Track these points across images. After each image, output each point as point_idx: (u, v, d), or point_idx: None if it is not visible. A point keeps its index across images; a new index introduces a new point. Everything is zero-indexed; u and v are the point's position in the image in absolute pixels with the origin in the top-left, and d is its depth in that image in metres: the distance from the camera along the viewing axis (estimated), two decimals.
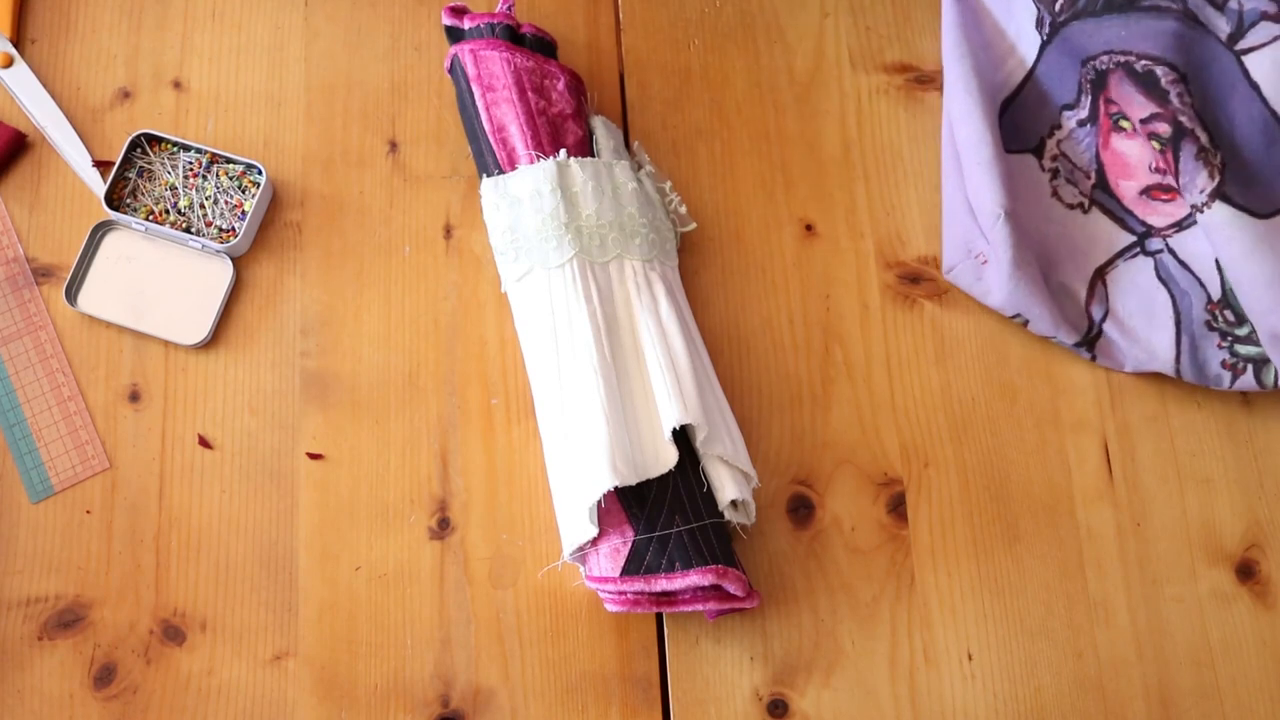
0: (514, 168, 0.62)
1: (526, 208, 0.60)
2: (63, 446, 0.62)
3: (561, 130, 0.62)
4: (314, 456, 0.62)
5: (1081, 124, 0.64)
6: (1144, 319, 0.63)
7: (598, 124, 0.64)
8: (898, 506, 0.62)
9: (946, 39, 0.66)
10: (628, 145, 0.67)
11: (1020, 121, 0.66)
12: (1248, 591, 0.61)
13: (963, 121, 0.63)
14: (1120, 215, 0.64)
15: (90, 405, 0.63)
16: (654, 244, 0.61)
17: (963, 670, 0.60)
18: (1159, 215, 0.63)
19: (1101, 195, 0.64)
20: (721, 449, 0.57)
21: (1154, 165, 0.62)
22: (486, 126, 0.62)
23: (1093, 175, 0.64)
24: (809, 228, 0.67)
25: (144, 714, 0.58)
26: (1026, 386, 0.64)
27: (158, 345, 0.64)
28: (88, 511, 0.61)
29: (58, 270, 0.65)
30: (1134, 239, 0.64)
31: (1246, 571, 0.62)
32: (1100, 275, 0.64)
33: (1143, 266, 0.64)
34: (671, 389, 0.56)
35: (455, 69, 0.64)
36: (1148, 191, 0.63)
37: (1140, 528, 0.62)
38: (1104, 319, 0.63)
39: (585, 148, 0.63)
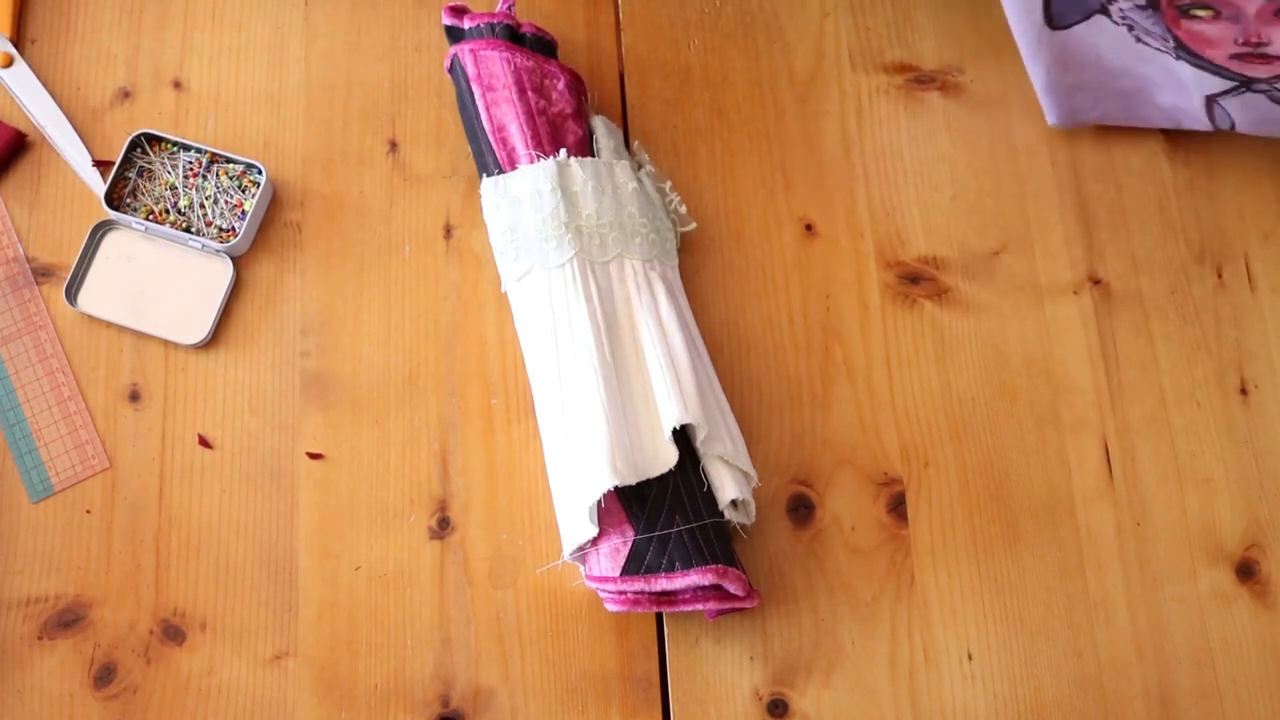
0: (514, 167, 0.62)
1: (526, 207, 0.60)
2: (63, 446, 0.62)
3: (561, 130, 0.62)
4: (314, 456, 0.62)
5: (1141, 9, 0.59)
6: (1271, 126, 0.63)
7: (598, 123, 0.64)
8: (898, 506, 0.62)
9: None
10: (628, 145, 0.67)
11: (1064, 5, 0.63)
12: (1248, 591, 0.61)
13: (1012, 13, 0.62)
14: (1214, 71, 0.61)
15: (90, 405, 0.63)
16: (654, 244, 0.61)
17: (963, 670, 0.60)
18: (1260, 69, 0.59)
19: (1187, 56, 0.61)
20: (722, 449, 0.57)
21: (1241, 39, 0.58)
22: (486, 126, 0.62)
23: (1170, 42, 0.60)
24: (809, 228, 0.67)
25: (144, 714, 0.58)
26: (1026, 386, 0.64)
27: (158, 345, 0.64)
28: (88, 511, 0.61)
29: (58, 270, 0.65)
30: (1237, 84, 0.61)
31: (1246, 571, 0.62)
32: (1212, 101, 0.63)
33: (1254, 101, 0.62)
34: (672, 389, 0.56)
35: (455, 69, 0.64)
36: (1240, 57, 0.59)
37: (1140, 528, 0.62)
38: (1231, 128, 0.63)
39: (585, 147, 0.63)
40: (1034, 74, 0.66)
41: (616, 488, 0.55)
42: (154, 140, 0.65)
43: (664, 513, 0.55)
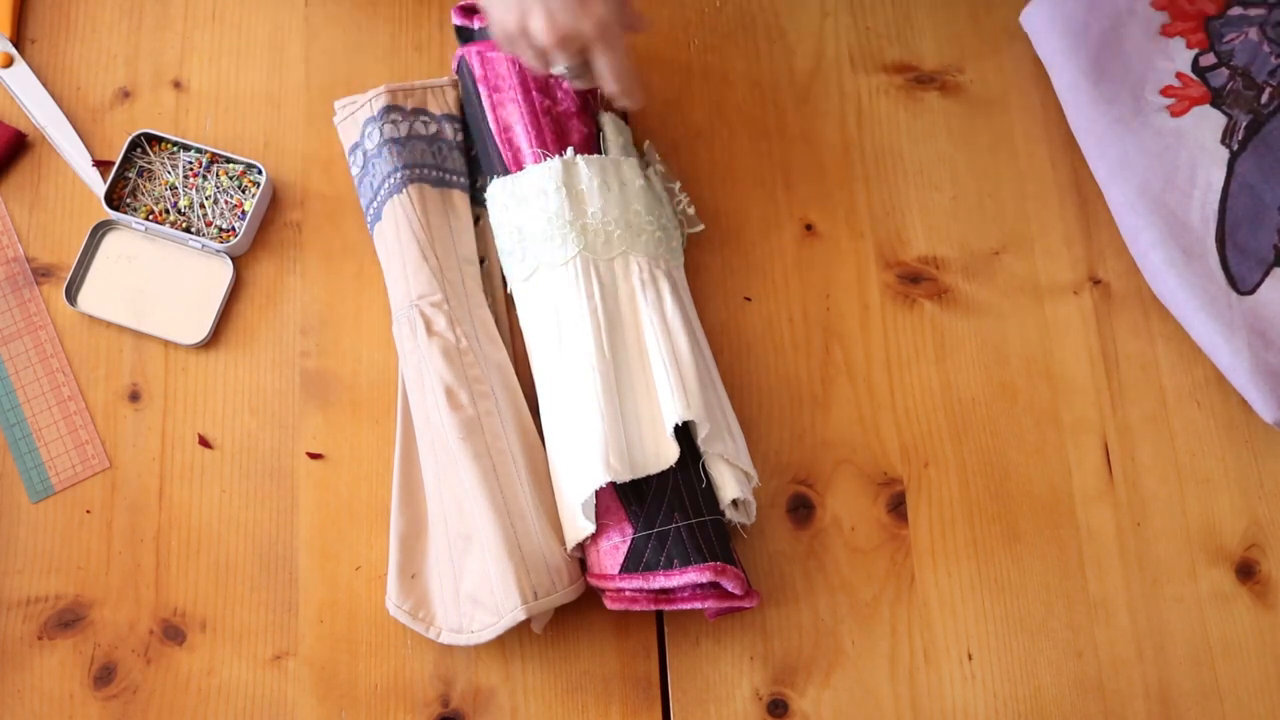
0: (520, 168, 0.61)
1: (533, 207, 0.60)
2: (63, 446, 0.62)
3: (566, 128, 0.62)
4: (314, 456, 0.62)
5: None
6: None
7: (607, 121, 0.64)
8: (898, 506, 0.62)
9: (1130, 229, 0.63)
10: (638, 144, 0.67)
11: (1245, 243, 0.62)
12: (1248, 591, 0.61)
13: (1184, 315, 0.59)
14: None
15: (90, 405, 0.63)
16: (660, 242, 0.61)
17: (963, 670, 0.60)
18: None
19: None
20: (723, 447, 0.57)
21: None
22: (493, 127, 0.62)
23: None
24: (809, 228, 0.67)
25: (144, 714, 0.58)
26: (1026, 386, 0.64)
27: (158, 345, 0.64)
28: (88, 511, 0.61)
29: (58, 270, 0.65)
30: None
31: (1246, 571, 0.62)
32: None
33: None
34: (674, 385, 0.56)
35: (462, 70, 0.64)
36: None
37: (1140, 528, 0.62)
38: None
39: (592, 144, 0.63)
40: (1234, 364, 0.61)
41: (616, 486, 0.55)
42: (154, 140, 0.65)
43: (663, 510, 0.55)
